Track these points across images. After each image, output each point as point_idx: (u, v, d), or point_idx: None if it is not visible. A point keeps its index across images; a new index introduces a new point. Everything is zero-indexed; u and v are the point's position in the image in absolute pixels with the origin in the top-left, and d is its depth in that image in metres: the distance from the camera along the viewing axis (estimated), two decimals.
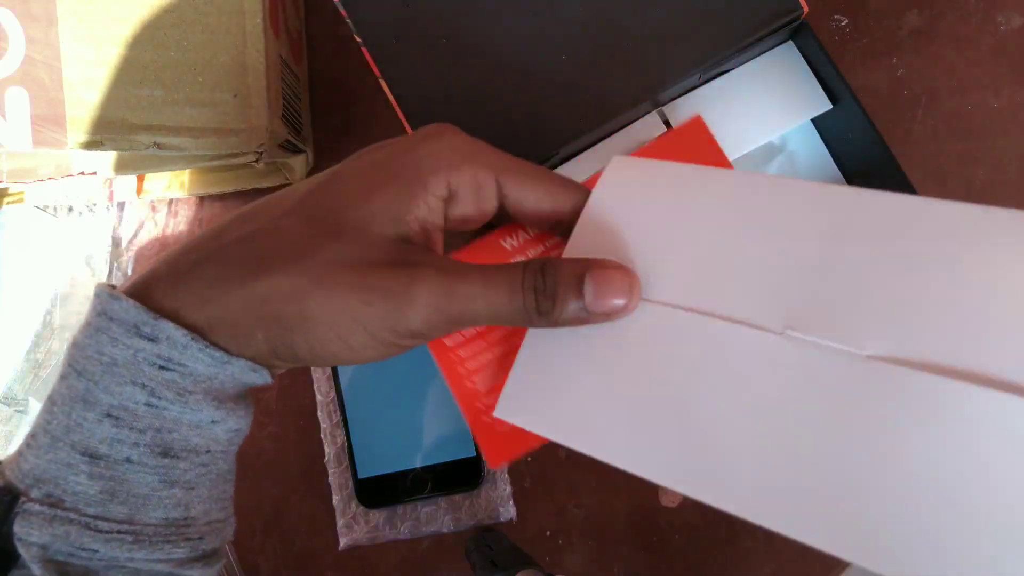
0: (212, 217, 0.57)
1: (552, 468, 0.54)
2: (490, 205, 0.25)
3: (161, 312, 0.22)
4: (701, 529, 0.53)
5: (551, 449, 0.54)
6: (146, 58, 0.46)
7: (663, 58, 0.44)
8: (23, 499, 0.21)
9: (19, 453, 0.23)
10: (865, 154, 0.47)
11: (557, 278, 0.22)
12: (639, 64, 0.44)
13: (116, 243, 0.57)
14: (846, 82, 0.45)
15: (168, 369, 0.22)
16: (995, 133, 0.52)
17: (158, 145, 0.46)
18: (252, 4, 0.47)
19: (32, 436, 0.23)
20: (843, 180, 0.50)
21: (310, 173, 0.56)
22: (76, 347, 0.24)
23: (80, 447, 0.22)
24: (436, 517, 0.53)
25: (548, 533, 0.54)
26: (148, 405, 0.22)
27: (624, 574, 0.54)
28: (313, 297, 0.21)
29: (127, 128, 0.46)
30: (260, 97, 0.46)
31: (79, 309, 0.57)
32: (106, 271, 0.57)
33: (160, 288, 0.23)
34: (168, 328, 0.22)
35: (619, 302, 0.22)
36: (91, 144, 0.46)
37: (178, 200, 0.57)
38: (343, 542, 0.53)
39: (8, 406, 0.56)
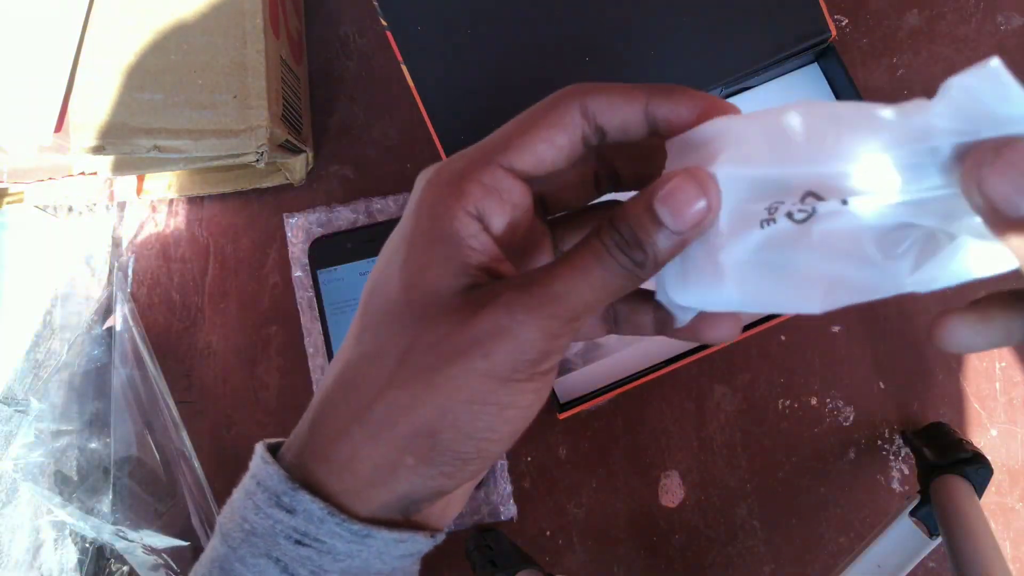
0: (212, 217, 0.57)
1: (552, 468, 0.54)
2: (523, 197, 0.22)
3: (307, 481, 0.21)
4: (701, 529, 0.53)
5: (551, 449, 0.54)
6: (147, 63, 0.46)
7: (686, 70, 0.43)
8: None
9: None
10: None
11: (629, 222, 0.19)
12: (661, 74, 0.44)
13: (116, 243, 0.58)
14: None
15: (304, 545, 0.21)
16: None
17: (158, 148, 0.46)
18: (252, 4, 0.47)
19: None
20: None
21: (310, 173, 0.56)
22: (229, 506, 0.22)
23: None
24: None
25: (548, 533, 0.54)
26: None
27: (624, 574, 0.54)
28: (435, 387, 0.20)
29: (128, 132, 0.46)
30: (260, 98, 0.46)
31: (79, 309, 0.57)
32: (106, 271, 0.57)
33: (302, 452, 0.22)
34: (305, 500, 0.20)
35: (700, 205, 0.19)
36: (93, 150, 0.46)
37: (178, 200, 0.57)
38: None
39: (8, 406, 0.56)
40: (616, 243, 0.20)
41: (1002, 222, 0.15)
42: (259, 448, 0.22)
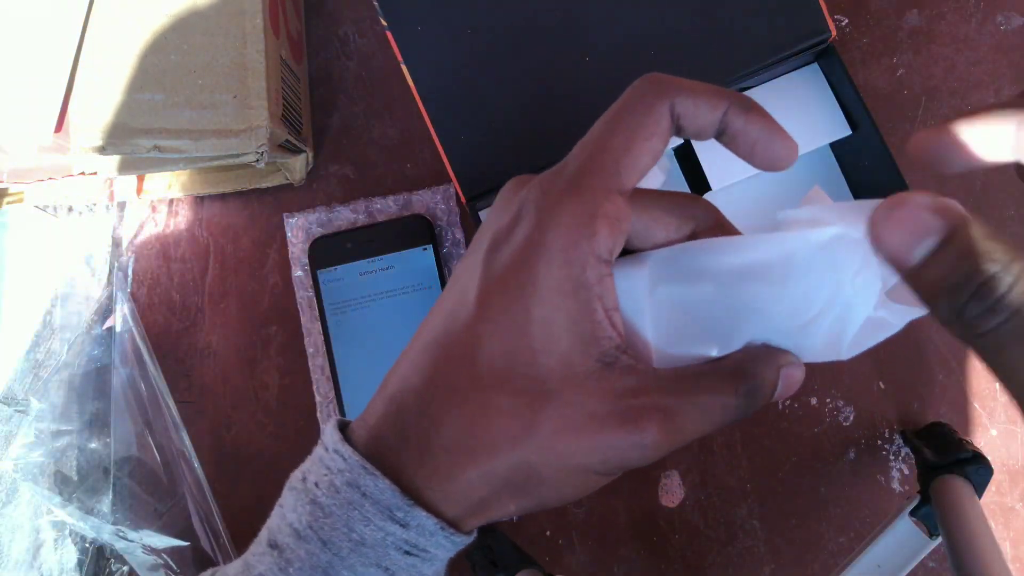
0: (212, 217, 0.57)
1: None
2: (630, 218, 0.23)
3: (411, 494, 0.22)
4: (701, 529, 0.53)
5: None
6: (147, 63, 0.46)
7: (685, 69, 0.43)
8: None
9: None
10: (880, 182, 0.46)
11: (762, 390, 0.22)
12: (661, 72, 0.44)
13: (116, 243, 0.58)
14: (867, 109, 0.44)
15: (412, 555, 0.22)
16: None
17: (158, 148, 0.46)
18: (252, 4, 0.47)
19: None
20: None
21: (310, 173, 0.56)
22: (321, 511, 0.22)
23: None
24: None
25: (548, 533, 0.54)
26: None
27: (624, 574, 0.54)
28: (556, 468, 0.22)
29: (128, 133, 0.46)
30: (260, 98, 0.46)
31: (79, 309, 0.57)
32: (106, 271, 0.57)
33: (401, 463, 0.23)
34: (421, 516, 0.22)
35: (798, 383, 0.23)
36: (93, 150, 0.46)
37: (178, 200, 0.57)
38: None
39: (8, 406, 0.56)
40: (744, 404, 0.22)
41: (903, 269, 0.18)
42: (349, 453, 0.23)
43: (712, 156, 0.47)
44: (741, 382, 0.22)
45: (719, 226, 0.25)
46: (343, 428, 0.24)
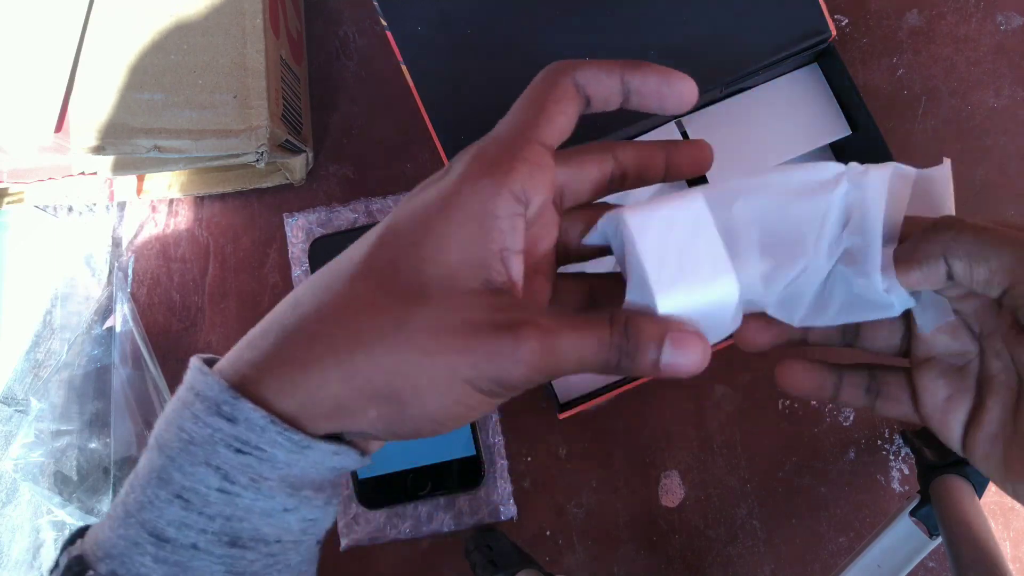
0: (212, 217, 0.57)
1: (552, 468, 0.54)
2: (553, 176, 0.24)
3: (248, 394, 0.22)
4: (701, 529, 0.53)
5: (551, 449, 0.54)
6: (147, 63, 0.46)
7: (686, 69, 0.43)
8: (91, 572, 0.21)
9: (102, 521, 0.23)
10: None
11: (639, 339, 0.22)
12: None
13: (116, 243, 0.57)
14: (867, 109, 0.44)
15: (244, 453, 0.22)
16: (995, 133, 0.52)
17: (158, 148, 0.46)
18: (252, 4, 0.47)
19: (113, 506, 0.22)
20: None
21: (310, 173, 0.56)
22: (163, 419, 0.23)
23: (149, 527, 0.22)
24: (436, 517, 0.53)
25: (548, 533, 0.54)
26: (220, 491, 0.22)
27: (624, 574, 0.54)
28: (422, 369, 0.21)
29: (128, 132, 0.46)
30: (260, 98, 0.46)
31: (79, 309, 0.57)
32: (106, 271, 0.57)
33: (250, 369, 0.22)
34: (247, 409, 0.21)
35: (695, 365, 0.22)
36: (93, 150, 0.46)
37: (178, 200, 0.57)
38: (344, 542, 0.53)
39: (8, 406, 0.56)
40: (620, 345, 0.22)
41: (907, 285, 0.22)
42: (195, 361, 0.23)
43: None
44: (620, 324, 0.22)
45: (643, 158, 0.27)
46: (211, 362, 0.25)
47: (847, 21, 0.54)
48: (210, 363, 0.23)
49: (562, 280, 0.27)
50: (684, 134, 0.48)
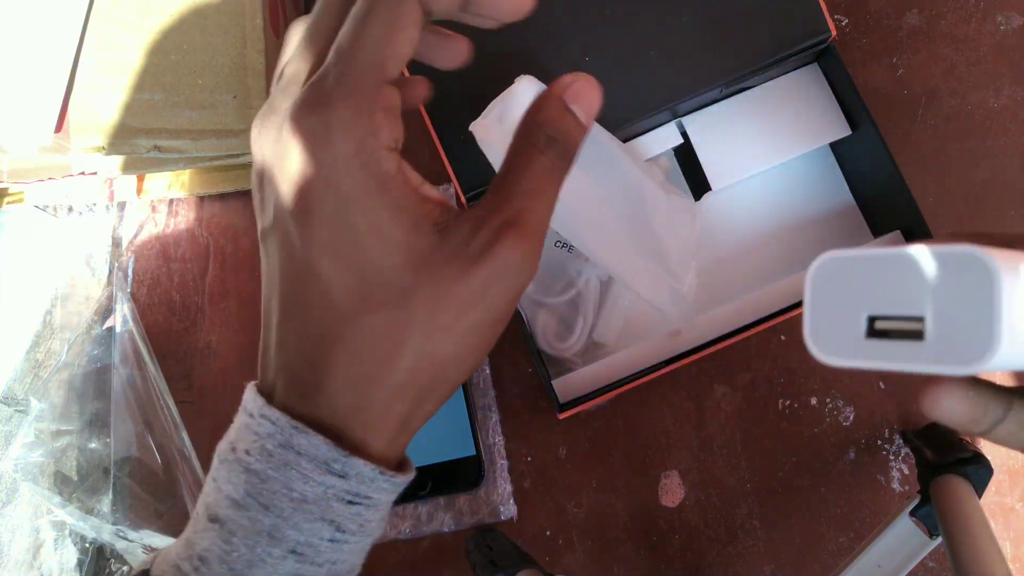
0: (212, 217, 0.57)
1: (552, 468, 0.54)
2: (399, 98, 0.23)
3: (347, 445, 0.22)
4: (701, 529, 0.53)
5: (551, 449, 0.54)
6: (147, 63, 0.46)
7: (686, 69, 0.43)
8: None
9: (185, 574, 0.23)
10: (880, 182, 0.46)
11: (556, 126, 0.23)
12: (662, 73, 0.43)
13: (116, 243, 0.57)
14: (867, 109, 0.44)
15: (355, 503, 0.22)
16: (995, 133, 0.52)
17: (158, 148, 0.46)
18: (252, 4, 0.47)
19: (203, 561, 0.22)
20: (856, 205, 0.50)
21: None
22: (257, 477, 0.22)
23: None
24: (436, 517, 0.53)
25: (548, 533, 0.54)
26: (331, 540, 0.22)
27: (624, 574, 0.54)
28: (451, 343, 0.22)
29: (128, 133, 0.46)
30: (260, 98, 0.46)
31: (79, 309, 0.57)
32: (106, 271, 0.57)
33: (321, 415, 0.22)
34: (358, 465, 0.22)
35: (599, 101, 0.23)
36: (93, 150, 0.46)
37: (178, 200, 0.57)
38: None
39: (8, 406, 0.56)
40: (553, 150, 0.23)
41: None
42: (278, 416, 0.22)
43: (712, 156, 0.47)
44: (535, 131, 0.23)
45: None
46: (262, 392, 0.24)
47: (847, 21, 0.54)
48: (265, 394, 0.23)
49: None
50: (684, 135, 0.48)
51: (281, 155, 0.22)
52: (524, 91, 0.24)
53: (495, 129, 0.23)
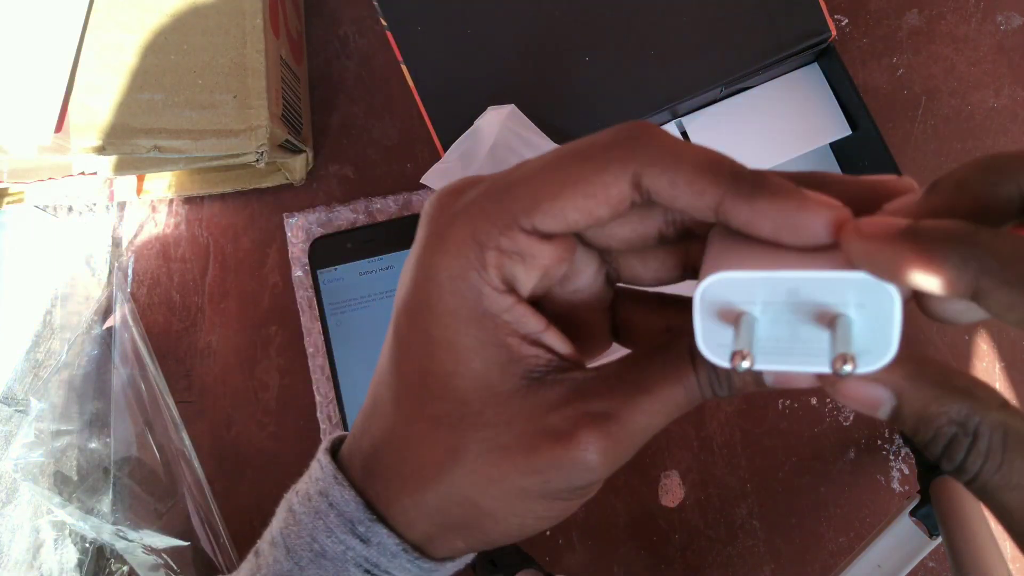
0: (212, 217, 0.57)
1: None
2: (558, 255, 0.20)
3: (379, 512, 0.21)
4: (701, 529, 0.53)
5: None
6: (147, 63, 0.46)
7: (686, 69, 0.43)
8: None
9: None
10: None
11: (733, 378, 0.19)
12: (661, 72, 0.43)
13: (116, 243, 0.57)
14: (867, 109, 0.44)
15: (372, 574, 0.22)
16: (995, 133, 0.52)
17: (158, 148, 0.46)
18: (252, 4, 0.47)
19: None
20: None
21: (310, 173, 0.56)
22: (293, 519, 0.22)
23: None
24: None
25: (548, 533, 0.54)
26: None
27: (624, 574, 0.54)
28: (492, 497, 0.20)
29: (128, 133, 0.46)
30: (260, 98, 0.46)
31: (79, 309, 0.57)
32: (106, 271, 0.57)
33: (371, 479, 0.22)
34: (382, 534, 0.21)
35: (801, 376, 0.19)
36: (93, 150, 0.46)
37: (178, 200, 0.57)
38: None
39: (8, 406, 0.56)
40: (713, 381, 0.19)
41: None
42: (327, 462, 0.22)
43: None
44: (704, 375, 0.19)
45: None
46: (340, 441, 0.24)
47: (847, 21, 0.54)
48: (337, 444, 0.23)
49: (625, 302, 0.23)
50: (684, 134, 0.48)
51: (419, 228, 0.21)
52: (488, 124, 0.22)
53: (456, 170, 0.21)
